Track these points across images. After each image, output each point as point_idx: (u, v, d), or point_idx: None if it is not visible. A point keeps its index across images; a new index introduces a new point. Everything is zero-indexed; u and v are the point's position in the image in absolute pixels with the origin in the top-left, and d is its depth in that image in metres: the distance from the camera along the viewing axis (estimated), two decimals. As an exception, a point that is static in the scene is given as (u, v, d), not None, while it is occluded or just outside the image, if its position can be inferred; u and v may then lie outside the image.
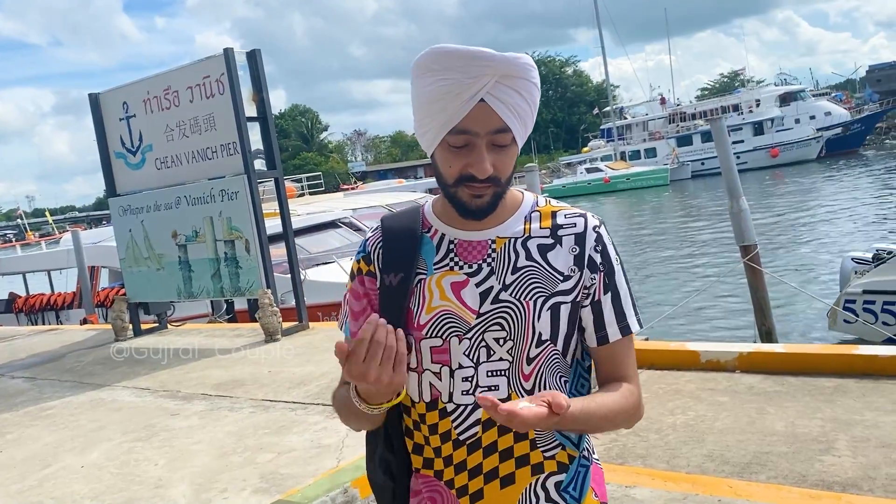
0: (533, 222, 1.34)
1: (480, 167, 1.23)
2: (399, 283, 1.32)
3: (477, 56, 1.19)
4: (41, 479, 4.20)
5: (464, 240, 1.32)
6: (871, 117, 53.48)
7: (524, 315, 1.28)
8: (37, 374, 7.35)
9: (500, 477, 1.30)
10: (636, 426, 4.28)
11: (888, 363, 4.66)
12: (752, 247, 7.70)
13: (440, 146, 1.26)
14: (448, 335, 1.29)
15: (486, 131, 1.22)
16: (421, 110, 1.28)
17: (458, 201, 1.28)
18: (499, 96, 1.21)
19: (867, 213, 21.59)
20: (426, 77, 1.24)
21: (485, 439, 1.29)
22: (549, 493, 1.32)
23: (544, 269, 1.30)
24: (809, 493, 3.21)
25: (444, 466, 1.32)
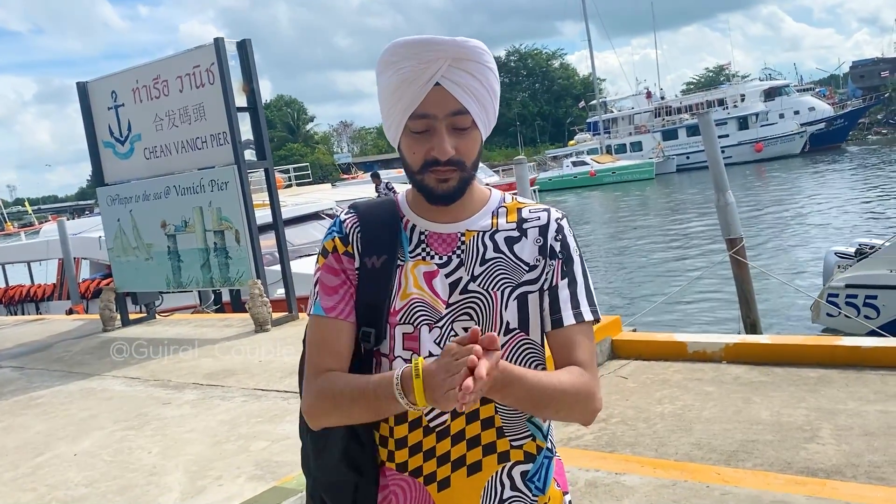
0: (500, 217, 1.39)
1: (441, 148, 1.27)
2: (382, 266, 1.34)
3: (428, 42, 1.25)
4: (34, 466, 4.21)
5: (434, 232, 1.36)
6: (854, 113, 53.99)
7: (492, 305, 1.32)
8: (25, 363, 7.33)
9: (467, 465, 1.32)
10: (624, 415, 4.34)
11: (870, 354, 4.76)
12: (737, 240, 7.78)
13: (404, 135, 1.31)
14: (419, 323, 1.32)
15: (444, 114, 1.27)
16: (385, 103, 1.32)
17: (425, 188, 1.32)
18: (453, 79, 1.26)
19: (850, 207, 21.82)
20: (387, 71, 1.30)
21: (453, 427, 1.32)
22: (514, 481, 1.35)
23: (511, 261, 1.34)
24: (795, 480, 3.28)
25: (410, 456, 1.33)
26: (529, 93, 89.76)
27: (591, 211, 34.47)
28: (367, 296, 1.34)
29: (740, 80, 65.32)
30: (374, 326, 1.34)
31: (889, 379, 4.46)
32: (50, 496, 3.72)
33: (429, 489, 1.33)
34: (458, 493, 1.33)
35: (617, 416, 4.52)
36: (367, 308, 1.34)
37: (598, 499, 3.32)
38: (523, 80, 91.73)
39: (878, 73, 68.38)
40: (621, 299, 13.68)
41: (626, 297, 13.91)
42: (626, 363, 5.49)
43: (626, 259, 18.37)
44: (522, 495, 1.36)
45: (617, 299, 13.82)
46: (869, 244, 10.15)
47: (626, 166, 48.30)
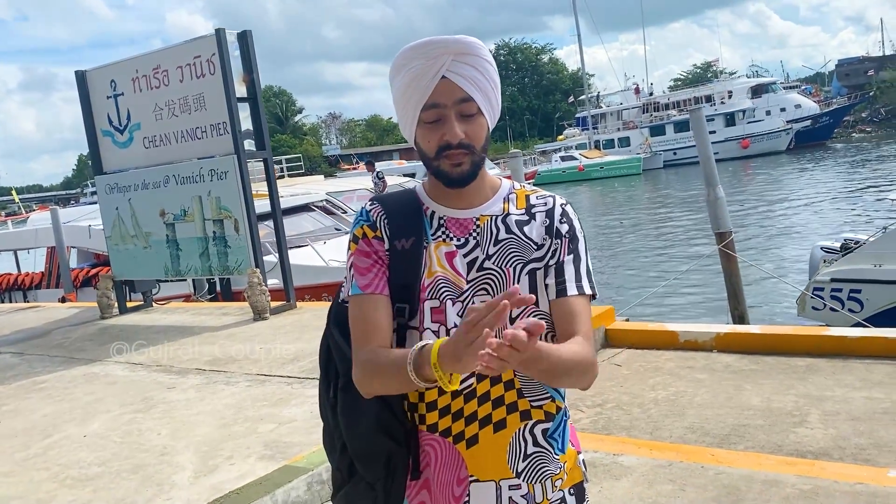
0: (510, 203, 1.54)
1: (452, 132, 1.42)
2: (412, 247, 1.49)
3: (433, 41, 1.43)
4: (45, 447, 4.30)
5: (452, 217, 1.51)
6: (839, 110, 54.49)
7: (506, 280, 1.47)
8: (24, 349, 7.39)
9: (493, 423, 1.46)
10: (619, 400, 4.50)
11: (856, 344, 4.93)
12: (727, 233, 7.95)
13: (418, 127, 1.47)
14: (444, 298, 1.46)
15: (452, 101, 1.43)
16: (399, 102, 1.48)
17: (441, 173, 1.46)
18: (457, 71, 1.43)
19: (836, 203, 22.11)
20: (399, 73, 1.46)
21: (479, 389, 1.46)
22: (536, 438, 1.49)
23: (521, 240, 1.50)
24: (785, 460, 3.44)
25: (440, 418, 1.47)
26: (518, 87, 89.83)
27: (580, 205, 34.67)
28: (400, 274, 1.48)
29: (728, 76, 65.74)
30: (407, 302, 1.48)
31: (874, 367, 4.63)
32: (64, 475, 3.82)
33: (458, 447, 1.47)
34: (486, 449, 1.47)
35: (612, 401, 4.66)
36: (400, 287, 1.48)
37: (597, 478, 3.47)
38: (512, 74, 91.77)
39: (863, 72, 68.94)
40: (614, 291, 13.86)
41: (618, 288, 14.09)
42: (620, 351, 5.64)
43: (618, 252, 18.57)
44: (545, 450, 1.51)
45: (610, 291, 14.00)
46: (854, 239, 10.35)
47: (613, 161, 48.57)
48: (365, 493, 1.52)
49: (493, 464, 1.48)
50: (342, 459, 1.55)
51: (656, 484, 3.35)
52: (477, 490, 1.47)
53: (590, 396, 4.79)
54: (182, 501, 3.34)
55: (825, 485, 3.11)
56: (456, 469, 1.48)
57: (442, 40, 1.43)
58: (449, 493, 1.48)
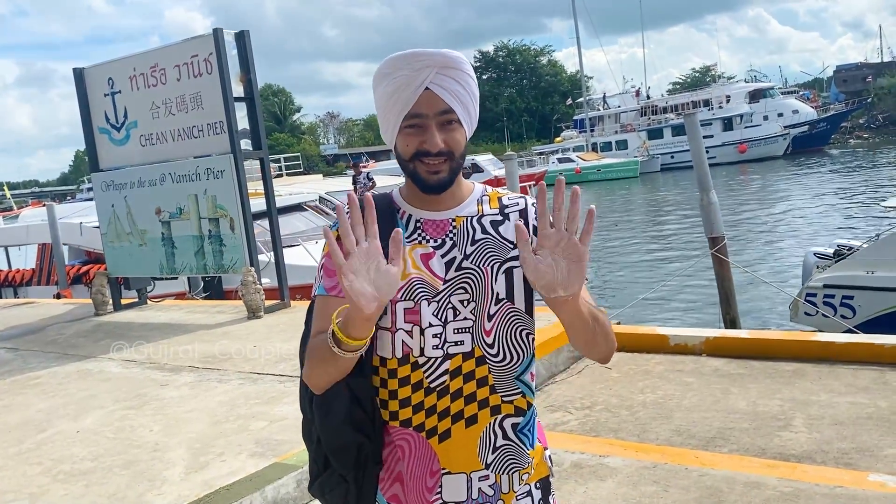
0: (484, 204, 1.60)
1: (432, 142, 1.47)
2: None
3: (418, 54, 1.48)
4: (38, 442, 4.34)
5: (429, 219, 1.56)
6: (836, 116, 54.63)
7: (484, 278, 1.52)
8: (18, 345, 7.43)
9: (464, 418, 1.51)
10: (608, 403, 4.55)
11: (843, 349, 4.99)
12: (719, 238, 8.00)
13: (399, 133, 1.51)
14: (418, 298, 1.50)
15: (434, 112, 1.48)
16: (382, 109, 1.53)
17: (417, 177, 1.51)
18: (440, 84, 1.48)
19: (830, 209, 22.21)
20: (384, 81, 1.51)
21: (452, 386, 1.50)
22: (506, 431, 1.55)
23: (497, 240, 1.54)
24: (768, 463, 3.49)
25: (413, 413, 1.52)
26: (517, 88, 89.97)
27: (576, 208, 34.68)
28: None
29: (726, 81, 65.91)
30: None
31: (860, 373, 4.69)
32: (57, 469, 3.86)
33: (430, 442, 1.53)
34: (458, 443, 1.53)
35: (601, 403, 4.71)
36: None
37: (582, 478, 3.52)
38: (511, 75, 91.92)
39: (861, 78, 69.20)
40: (606, 294, 13.91)
41: (610, 291, 14.15)
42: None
43: (612, 255, 18.62)
44: (514, 444, 1.57)
45: (601, 293, 14.05)
46: (847, 246, 10.42)
47: (611, 164, 48.67)
48: (338, 484, 1.57)
49: (465, 457, 1.53)
50: (318, 451, 1.60)
51: (641, 485, 3.40)
52: (449, 482, 1.53)
53: (579, 398, 4.85)
54: (173, 497, 3.38)
55: (805, 487, 3.16)
56: (429, 462, 1.53)
57: (427, 53, 1.48)
58: (422, 486, 1.54)
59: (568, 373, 5.38)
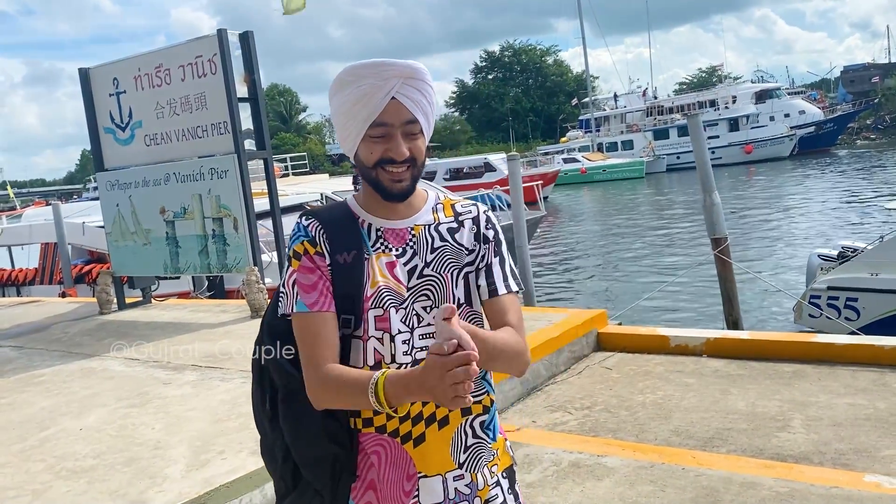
0: (440, 213, 1.65)
1: (398, 151, 1.52)
2: (354, 260, 1.57)
3: (385, 63, 1.52)
4: (41, 439, 4.38)
5: (388, 228, 1.59)
6: (843, 117, 54.50)
7: (445, 285, 1.57)
8: (23, 343, 7.47)
9: (437, 420, 1.56)
10: (607, 403, 4.57)
11: (843, 351, 4.99)
12: (722, 239, 8.00)
13: (363, 141, 1.54)
14: (387, 306, 1.54)
15: (400, 122, 1.52)
16: (343, 117, 1.56)
17: (380, 185, 1.55)
18: (406, 94, 1.52)
19: (835, 211, 22.16)
20: (345, 89, 1.54)
21: None
22: (475, 430, 1.60)
23: (455, 247, 1.61)
24: (765, 464, 3.51)
25: (387, 420, 1.54)
26: (522, 88, 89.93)
27: (580, 208, 34.72)
28: (344, 287, 1.55)
29: (732, 81, 65.83)
30: (352, 314, 1.55)
31: (859, 374, 4.70)
32: (59, 466, 3.90)
33: (405, 447, 1.56)
34: (432, 446, 1.56)
35: (600, 404, 4.73)
36: (344, 299, 1.55)
37: (580, 478, 3.54)
38: (517, 75, 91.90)
39: (868, 79, 69.01)
40: (608, 294, 13.92)
41: (613, 292, 14.15)
42: (611, 355, 5.71)
43: (615, 256, 18.62)
44: (482, 441, 1.62)
45: (604, 294, 14.06)
46: (851, 247, 10.42)
47: (616, 164, 48.64)
48: (312, 499, 1.59)
49: (439, 459, 1.57)
50: (285, 468, 1.61)
51: (638, 485, 3.42)
52: (425, 484, 1.56)
53: (578, 399, 4.86)
54: (174, 494, 3.41)
55: (801, 488, 3.18)
56: (405, 467, 1.56)
57: (393, 63, 1.52)
58: (399, 491, 1.56)
59: (568, 373, 5.40)
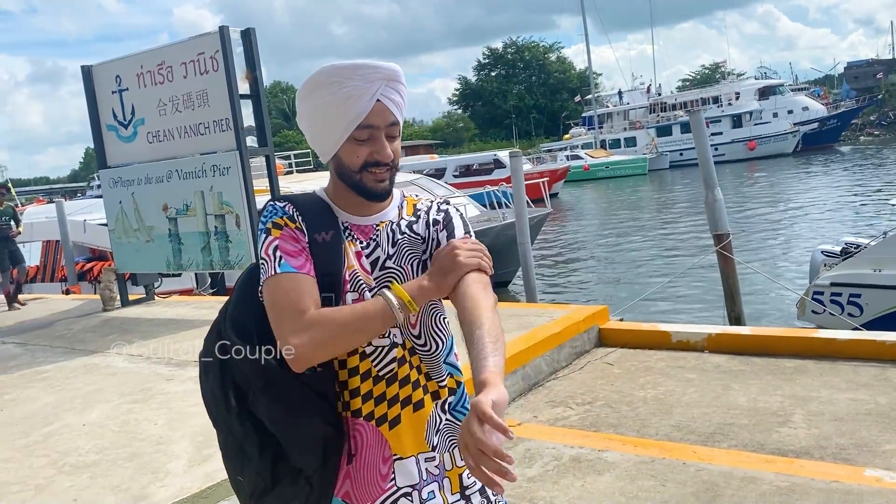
0: (403, 210, 1.68)
1: (384, 153, 1.54)
2: (332, 239, 1.58)
3: (370, 65, 1.52)
4: (45, 435, 4.40)
5: (355, 224, 1.61)
6: (847, 113, 54.33)
7: (405, 276, 1.59)
8: (27, 339, 7.51)
9: (412, 403, 1.57)
10: (609, 399, 4.59)
11: (845, 346, 5.00)
12: (724, 235, 7.99)
13: (346, 143, 1.54)
14: (362, 290, 1.56)
15: (385, 124, 1.54)
16: (323, 118, 1.54)
17: (363, 187, 1.56)
18: (388, 96, 1.53)
19: (839, 207, 22.11)
20: (325, 89, 1.52)
21: (399, 373, 1.56)
22: (445, 412, 1.62)
23: (412, 238, 1.63)
24: (765, 458, 3.51)
25: (363, 403, 1.55)
26: (525, 85, 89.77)
27: (583, 204, 34.70)
28: (325, 266, 1.55)
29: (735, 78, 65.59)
30: (332, 292, 1.55)
31: (860, 369, 4.70)
32: (62, 461, 3.92)
33: (381, 429, 1.57)
34: (407, 428, 1.57)
35: (602, 399, 4.74)
36: (324, 277, 1.54)
37: (581, 472, 3.54)
38: (520, 72, 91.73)
39: (872, 75, 68.77)
40: (610, 290, 13.92)
41: (615, 288, 14.15)
42: (613, 351, 5.71)
43: (617, 252, 18.60)
44: (451, 422, 1.63)
45: (606, 290, 14.06)
46: (855, 243, 10.39)
47: (619, 161, 48.54)
48: (301, 489, 1.55)
49: (414, 441, 1.58)
50: (262, 463, 1.55)
51: (638, 479, 3.42)
52: (401, 466, 1.57)
53: (580, 394, 4.87)
54: (175, 489, 3.42)
55: (802, 482, 3.18)
56: (380, 450, 1.57)
57: (376, 65, 1.53)
58: (376, 474, 1.56)
59: (570, 369, 5.41)
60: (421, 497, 1.57)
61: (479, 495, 1.64)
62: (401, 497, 1.56)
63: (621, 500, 3.26)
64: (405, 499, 1.57)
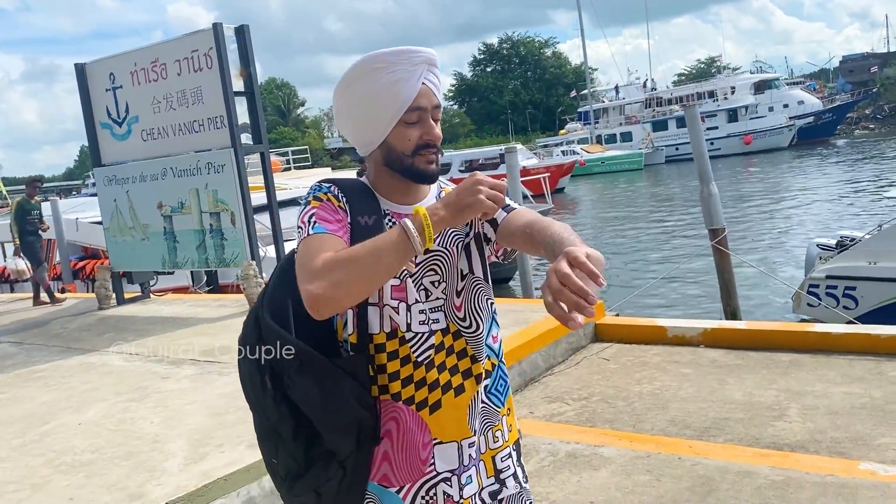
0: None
1: (434, 133, 1.56)
2: (375, 223, 1.57)
3: (412, 49, 1.55)
4: (41, 434, 4.39)
5: (396, 212, 1.60)
6: (842, 107, 54.36)
7: (451, 258, 1.59)
8: (23, 338, 7.49)
9: (453, 388, 1.57)
10: (605, 394, 4.58)
11: (840, 340, 5.01)
12: (720, 230, 8.00)
13: (396, 127, 1.54)
14: (403, 276, 1.55)
15: (431, 106, 1.56)
16: (370, 105, 1.54)
17: (415, 170, 1.57)
18: (430, 80, 1.57)
19: (834, 200, 22.14)
20: (370, 76, 1.53)
21: (437, 360, 1.56)
22: (483, 395, 1.63)
23: None
24: (760, 452, 3.52)
25: (403, 387, 1.55)
26: (521, 81, 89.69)
27: (579, 200, 34.71)
28: None
29: (731, 72, 65.65)
30: None
31: (855, 363, 4.71)
32: (58, 461, 3.91)
33: (420, 414, 1.56)
34: (448, 413, 1.57)
35: (598, 394, 4.74)
36: None
37: (577, 468, 3.55)
38: (515, 67, 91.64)
39: (867, 68, 68.79)
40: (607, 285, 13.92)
41: (610, 283, 14.16)
42: (609, 346, 5.72)
43: (613, 247, 18.61)
44: (487, 405, 1.64)
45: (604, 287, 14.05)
46: (850, 236, 10.41)
47: (615, 156, 48.55)
48: (335, 472, 1.54)
49: (455, 426, 1.58)
50: (296, 446, 1.55)
51: (634, 474, 3.43)
52: (441, 451, 1.57)
53: (576, 389, 4.88)
54: (172, 487, 3.42)
55: (797, 476, 3.19)
56: (420, 434, 1.57)
57: (418, 50, 1.55)
58: (415, 458, 1.56)
59: (566, 364, 5.41)
60: (460, 482, 1.58)
61: (512, 479, 1.67)
62: (440, 482, 1.57)
63: (617, 495, 3.27)
64: (444, 483, 1.57)
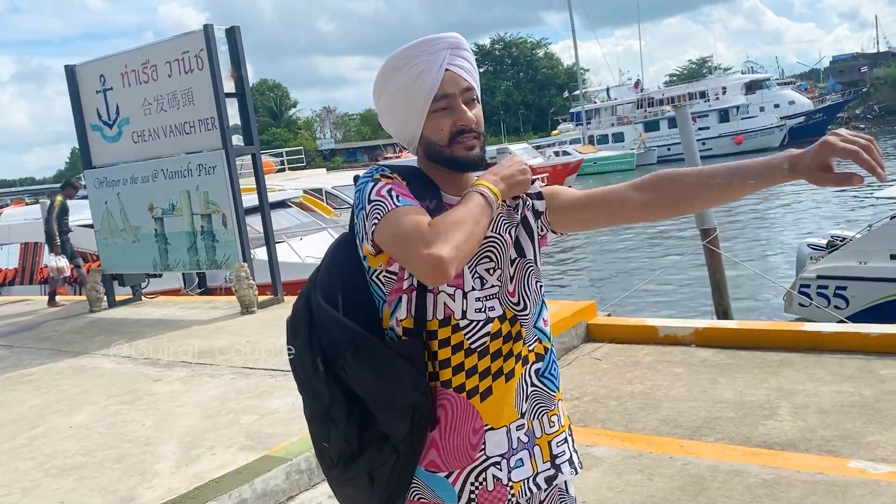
0: None
1: (465, 117, 1.53)
2: (436, 207, 1.56)
3: (429, 38, 1.54)
4: (31, 437, 4.38)
5: (447, 202, 1.57)
6: (833, 107, 54.63)
7: (503, 244, 1.59)
8: (13, 341, 7.46)
9: (504, 374, 1.56)
10: (596, 394, 4.58)
11: (830, 339, 5.03)
12: (711, 230, 8.03)
13: (428, 119, 1.53)
14: None
15: (459, 90, 1.54)
16: (402, 101, 1.54)
17: (455, 159, 1.55)
18: (456, 63, 1.55)
19: (825, 200, 22.24)
20: (398, 74, 1.53)
21: (491, 347, 1.55)
22: (532, 379, 1.61)
23: (506, 206, 1.62)
24: (751, 451, 3.53)
25: (453, 374, 1.53)
26: (513, 81, 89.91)
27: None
28: None
29: (722, 72, 65.92)
30: None
31: (846, 362, 4.73)
32: (49, 464, 3.90)
33: (472, 401, 1.55)
34: (499, 399, 1.56)
35: (589, 394, 4.75)
36: None
37: (569, 468, 3.55)
38: (507, 68, 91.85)
39: (857, 68, 69.23)
40: (598, 286, 13.96)
41: (602, 283, 14.19)
42: (601, 346, 5.73)
43: (604, 247, 18.66)
44: (539, 389, 1.63)
45: (593, 286, 14.10)
46: (840, 236, 10.48)
47: (607, 157, 48.65)
48: (390, 455, 1.53)
49: (506, 411, 1.57)
50: (349, 428, 1.54)
51: (626, 474, 3.44)
52: (491, 437, 1.56)
53: (568, 390, 4.88)
54: (163, 490, 3.41)
55: (787, 474, 3.20)
56: (471, 421, 1.55)
57: (438, 36, 1.54)
58: (466, 444, 1.55)
59: (558, 364, 5.41)
60: (509, 465, 1.57)
61: (567, 465, 1.65)
62: (490, 466, 1.56)
63: (608, 494, 3.28)
64: (494, 468, 1.56)
